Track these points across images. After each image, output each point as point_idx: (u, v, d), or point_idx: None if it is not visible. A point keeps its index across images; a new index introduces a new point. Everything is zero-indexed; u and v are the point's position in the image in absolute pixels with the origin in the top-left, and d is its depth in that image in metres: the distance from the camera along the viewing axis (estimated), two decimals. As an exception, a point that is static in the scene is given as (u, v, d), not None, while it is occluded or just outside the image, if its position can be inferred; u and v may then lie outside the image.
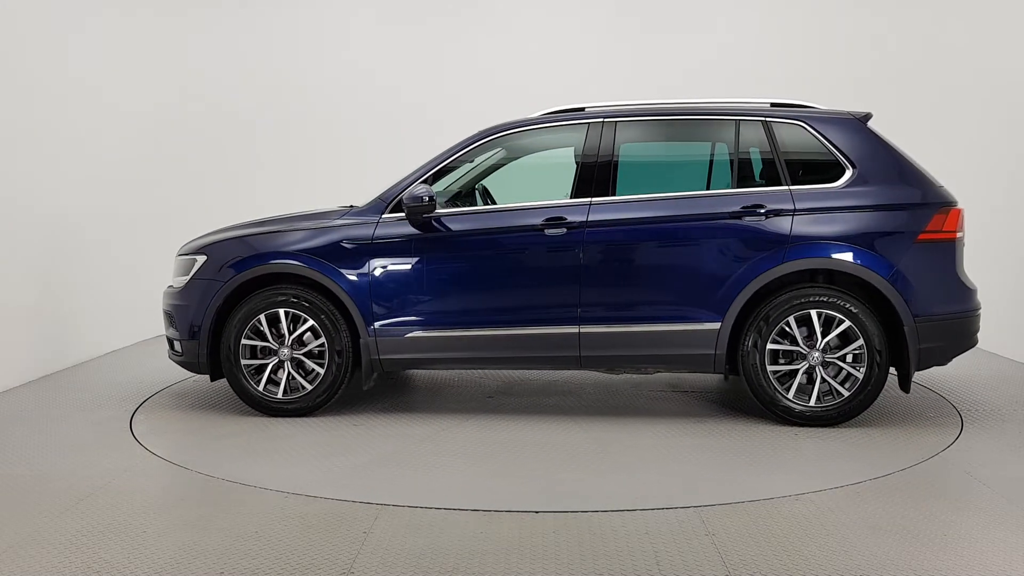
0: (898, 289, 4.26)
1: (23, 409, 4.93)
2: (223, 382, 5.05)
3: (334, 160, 7.99)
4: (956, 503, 3.37)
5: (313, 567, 2.80)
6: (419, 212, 4.53)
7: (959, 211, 4.37)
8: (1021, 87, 6.27)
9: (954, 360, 4.50)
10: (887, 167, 4.41)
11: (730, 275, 4.36)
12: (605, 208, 4.49)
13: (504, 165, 5.19)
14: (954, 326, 4.35)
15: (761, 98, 4.75)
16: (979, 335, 4.51)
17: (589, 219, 4.47)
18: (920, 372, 4.52)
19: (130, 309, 7.03)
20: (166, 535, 3.07)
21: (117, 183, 6.86)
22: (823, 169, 4.46)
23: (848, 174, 4.39)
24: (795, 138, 4.52)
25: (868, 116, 4.57)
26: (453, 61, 8.17)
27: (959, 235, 4.36)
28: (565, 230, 4.46)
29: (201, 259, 4.84)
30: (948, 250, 4.34)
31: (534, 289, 4.54)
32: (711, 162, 4.83)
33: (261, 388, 4.70)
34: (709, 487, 3.55)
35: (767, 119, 4.54)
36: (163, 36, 7.48)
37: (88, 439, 4.31)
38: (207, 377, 5.57)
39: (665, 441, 4.23)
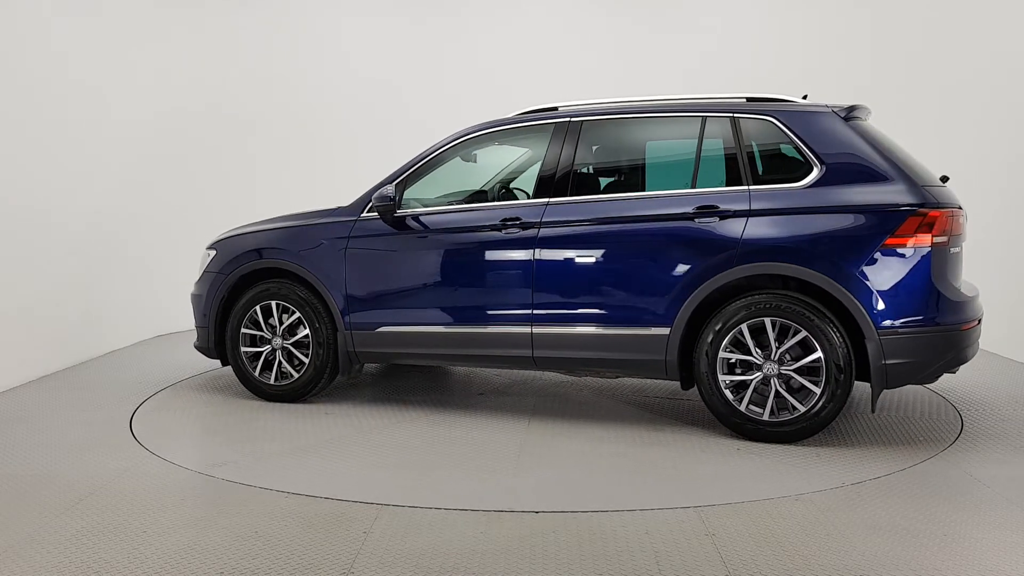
0: (858, 298, 3.91)
1: (23, 409, 4.93)
2: (224, 379, 5.21)
3: (335, 160, 8.00)
4: (956, 503, 3.36)
5: (313, 567, 2.80)
6: (385, 211, 4.71)
7: (941, 215, 3.92)
8: (1022, 87, 6.26)
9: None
10: (860, 165, 4.04)
11: (680, 279, 4.17)
12: (560, 209, 4.45)
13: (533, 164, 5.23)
14: (930, 341, 3.93)
15: (761, 94, 4.48)
16: (974, 348, 4.16)
17: (544, 219, 4.44)
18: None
19: (130, 309, 7.03)
20: (166, 535, 3.07)
21: (116, 184, 6.86)
22: (792, 167, 4.18)
23: (815, 172, 4.08)
24: (763, 134, 4.27)
25: (852, 109, 4.23)
26: (452, 61, 8.18)
27: (937, 240, 3.91)
28: (520, 230, 4.47)
29: (212, 254, 5.24)
30: (922, 257, 3.90)
31: (491, 288, 4.56)
32: (675, 161, 4.64)
33: (257, 374, 5.02)
34: (709, 487, 3.55)
35: (735, 114, 4.30)
36: (161, 37, 7.47)
37: (88, 439, 4.31)
38: (206, 376, 5.78)
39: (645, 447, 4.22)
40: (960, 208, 4.14)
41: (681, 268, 4.18)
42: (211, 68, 7.76)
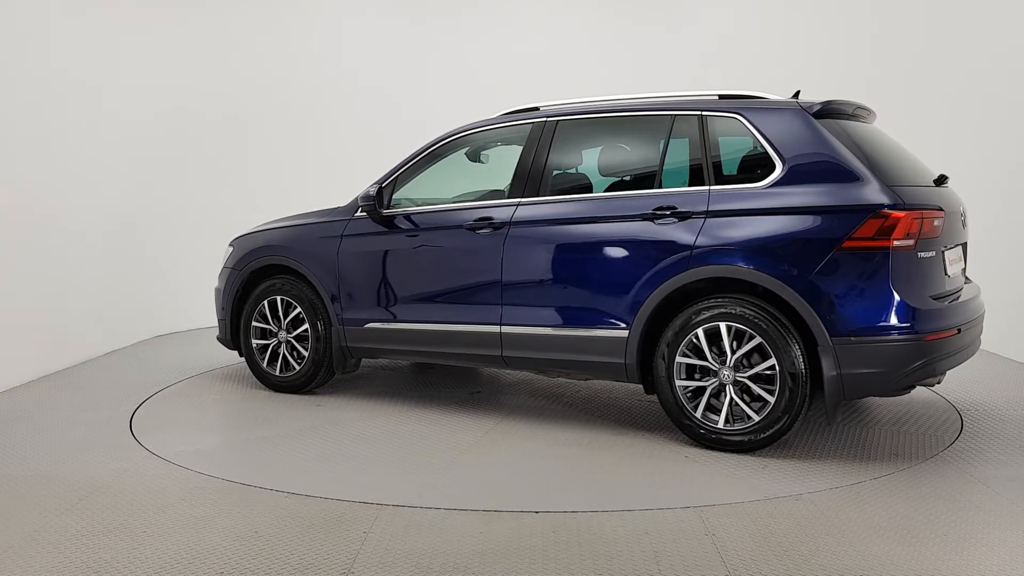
0: (811, 304, 3.70)
1: (23, 409, 4.93)
2: (223, 377, 5.27)
3: (339, 159, 8.01)
4: (956, 503, 3.36)
5: (313, 567, 2.80)
6: (369, 211, 4.87)
7: (905, 217, 3.65)
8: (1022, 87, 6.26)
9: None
10: (824, 164, 3.83)
11: (638, 281, 4.07)
12: (529, 208, 4.45)
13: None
14: (889, 351, 3.66)
15: (733, 91, 4.32)
16: (954, 359, 3.89)
17: (513, 219, 4.45)
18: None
19: (130, 309, 7.03)
20: (166, 535, 3.07)
21: (116, 185, 6.86)
22: (757, 166, 4.01)
23: (776, 172, 3.90)
24: (729, 133, 4.13)
25: (826, 105, 4.02)
26: (457, 62, 8.18)
27: (899, 244, 3.65)
28: (491, 229, 4.50)
29: (230, 250, 5.54)
30: (880, 261, 3.65)
31: (465, 287, 4.61)
32: (644, 160, 4.47)
33: (265, 365, 5.28)
34: (709, 487, 3.54)
35: (703, 113, 4.18)
36: (161, 38, 7.46)
37: (88, 439, 4.31)
38: (206, 376, 5.88)
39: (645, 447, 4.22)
40: (940, 210, 3.88)
41: (639, 270, 4.09)
42: (212, 69, 7.75)
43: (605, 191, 4.49)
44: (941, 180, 4.20)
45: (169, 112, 7.52)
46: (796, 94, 4.36)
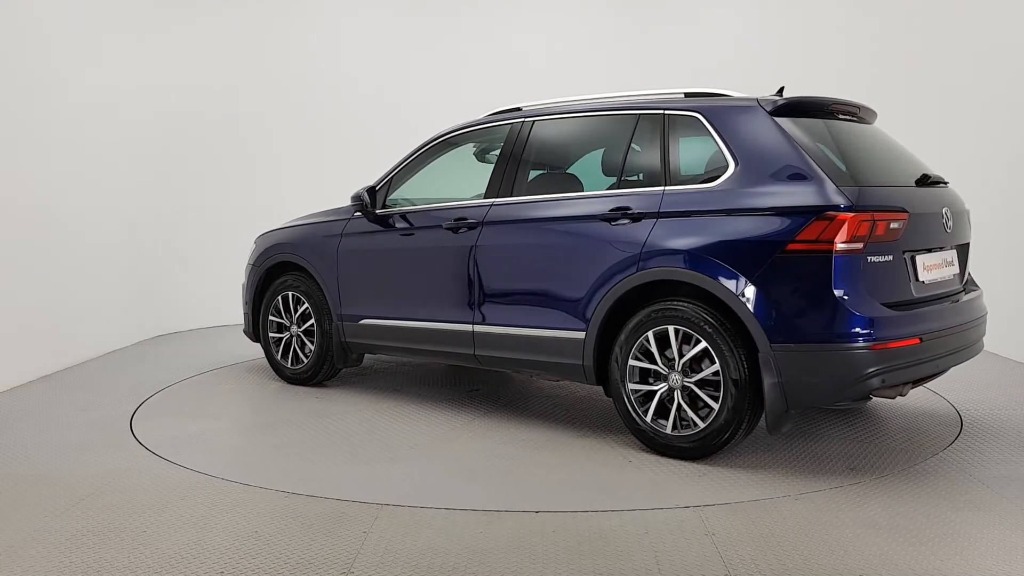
0: (752, 308, 3.56)
1: (23, 409, 4.93)
2: (223, 377, 5.36)
3: (339, 160, 8.01)
4: (956, 503, 3.36)
5: (313, 567, 2.81)
6: (362, 211, 5.06)
7: (852, 219, 3.45)
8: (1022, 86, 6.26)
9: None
10: (777, 164, 3.68)
11: (593, 282, 4.04)
12: (501, 209, 4.48)
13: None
14: (832, 359, 3.48)
15: (700, 89, 4.24)
16: (920, 369, 3.67)
17: (486, 220, 4.49)
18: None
19: (130, 309, 7.03)
20: (166, 534, 3.07)
21: (116, 184, 6.86)
22: (713, 166, 3.91)
23: (728, 172, 3.79)
24: (690, 132, 4.03)
25: (789, 101, 3.87)
26: (456, 62, 8.18)
27: (844, 247, 3.45)
28: (466, 229, 4.55)
29: (254, 247, 5.81)
30: (823, 265, 3.47)
31: (443, 286, 4.67)
32: (608, 160, 4.43)
33: (279, 358, 5.52)
34: (709, 487, 3.55)
35: (665, 112, 4.11)
36: (160, 39, 7.46)
37: (88, 439, 4.32)
38: (206, 376, 5.90)
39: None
40: (902, 211, 3.66)
41: (594, 271, 4.04)
42: (212, 69, 7.75)
43: (577, 191, 4.44)
44: (924, 180, 4.00)
45: (171, 113, 7.52)
46: (780, 91, 4.23)
